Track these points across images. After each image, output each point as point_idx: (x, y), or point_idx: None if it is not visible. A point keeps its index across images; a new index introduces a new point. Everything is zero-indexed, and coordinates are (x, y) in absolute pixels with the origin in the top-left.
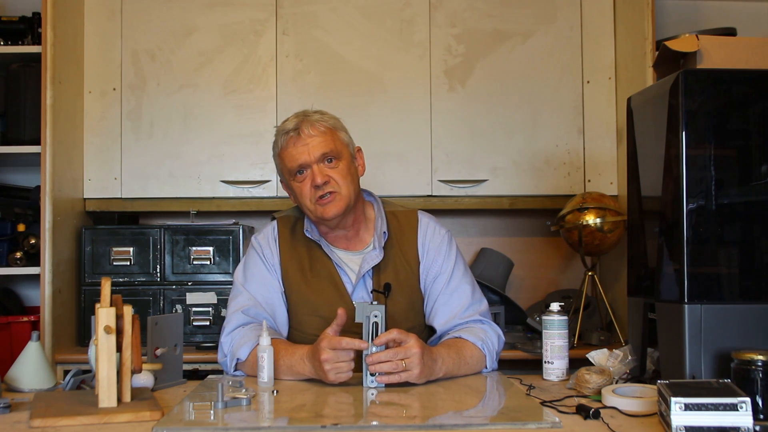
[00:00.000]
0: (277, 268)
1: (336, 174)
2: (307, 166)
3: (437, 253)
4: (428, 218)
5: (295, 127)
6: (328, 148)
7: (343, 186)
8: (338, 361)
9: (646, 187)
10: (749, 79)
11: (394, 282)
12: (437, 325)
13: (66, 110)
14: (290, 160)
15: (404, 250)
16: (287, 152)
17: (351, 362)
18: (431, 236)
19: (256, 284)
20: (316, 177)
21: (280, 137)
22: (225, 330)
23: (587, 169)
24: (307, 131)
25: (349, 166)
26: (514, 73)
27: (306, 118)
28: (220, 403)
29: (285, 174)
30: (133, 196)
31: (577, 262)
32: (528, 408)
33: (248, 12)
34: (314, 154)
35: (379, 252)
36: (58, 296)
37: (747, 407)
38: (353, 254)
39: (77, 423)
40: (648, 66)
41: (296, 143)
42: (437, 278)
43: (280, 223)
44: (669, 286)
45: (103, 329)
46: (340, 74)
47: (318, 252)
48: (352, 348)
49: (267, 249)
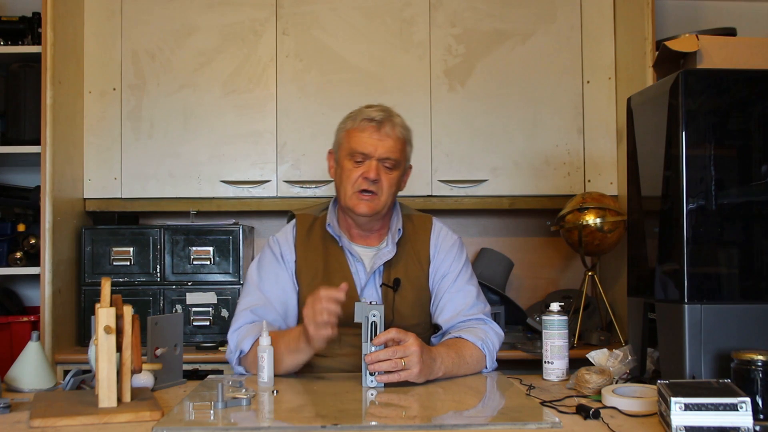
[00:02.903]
0: (292, 267)
1: (386, 180)
2: (369, 157)
3: (447, 255)
4: (442, 224)
5: (379, 120)
6: (395, 155)
7: (385, 192)
8: (317, 314)
9: (646, 187)
10: (749, 79)
11: (404, 278)
12: (442, 320)
13: (66, 110)
14: (358, 143)
15: (417, 249)
16: (359, 135)
17: (332, 316)
18: (443, 239)
19: (270, 284)
20: (371, 171)
21: (358, 118)
22: (232, 327)
23: (587, 169)
24: (387, 129)
25: (398, 178)
26: (514, 73)
27: (390, 118)
28: (220, 403)
29: (342, 151)
30: (133, 196)
31: (577, 262)
32: (528, 408)
33: (248, 12)
34: (381, 152)
35: (392, 248)
36: (58, 296)
37: (747, 407)
38: (368, 249)
39: (77, 423)
40: (648, 66)
41: (372, 133)
42: (445, 277)
43: (299, 221)
44: (669, 286)
45: (103, 329)
46: (340, 74)
47: (334, 250)
48: (332, 297)
49: (285, 246)
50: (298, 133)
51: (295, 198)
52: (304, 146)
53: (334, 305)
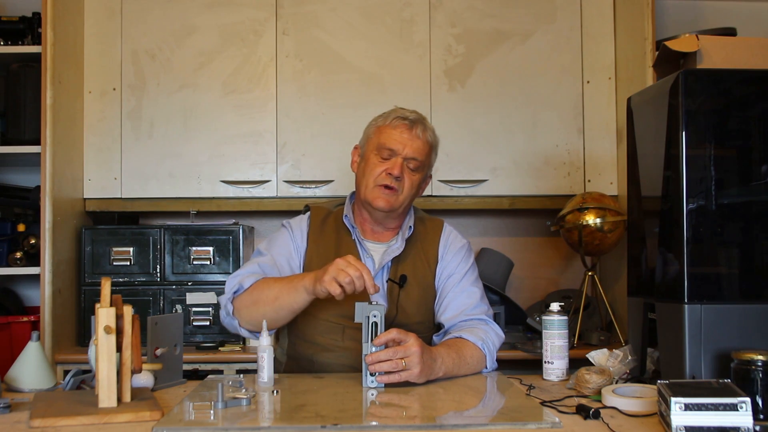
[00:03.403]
0: (302, 253)
1: (408, 179)
2: (396, 154)
3: (455, 256)
4: (452, 228)
5: (412, 120)
6: (421, 156)
7: (405, 191)
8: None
9: (646, 187)
10: (749, 79)
11: (410, 275)
12: (445, 319)
13: (66, 110)
14: (388, 138)
15: (426, 248)
16: (390, 132)
17: (351, 286)
18: (453, 240)
19: (278, 254)
20: (395, 168)
21: (391, 116)
22: (234, 272)
23: (587, 169)
24: (418, 131)
25: (419, 182)
26: (514, 73)
27: (423, 122)
28: (220, 403)
29: (370, 145)
30: (133, 196)
31: (577, 262)
32: (528, 408)
33: (248, 12)
34: (408, 151)
35: (401, 244)
36: (58, 296)
37: (747, 407)
38: (379, 245)
39: (77, 423)
40: (648, 66)
41: (403, 132)
42: (451, 277)
43: (313, 212)
44: (669, 286)
45: (103, 329)
46: (340, 74)
47: (346, 242)
48: (368, 280)
49: (297, 232)
50: (298, 133)
51: (295, 198)
52: (304, 146)
53: (360, 284)
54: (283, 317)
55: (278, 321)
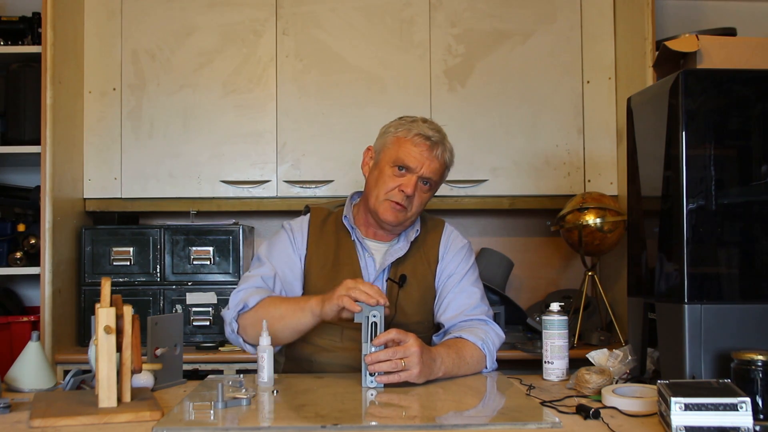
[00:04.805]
0: (302, 255)
1: (419, 197)
2: (413, 172)
3: (455, 256)
4: (453, 228)
5: (433, 141)
6: (435, 177)
7: (414, 209)
8: (356, 287)
9: (646, 187)
10: (749, 79)
11: (410, 275)
12: (445, 319)
13: (66, 110)
14: (407, 155)
15: (426, 249)
16: (410, 148)
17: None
18: (453, 241)
19: (279, 261)
20: (409, 187)
21: (413, 130)
22: (237, 288)
23: (587, 169)
24: (438, 151)
25: (429, 198)
26: (514, 73)
27: (442, 142)
28: (220, 403)
29: (387, 155)
30: (133, 196)
31: (577, 262)
32: (528, 408)
33: (248, 12)
34: (425, 171)
35: (404, 245)
36: (58, 296)
37: (747, 407)
38: (380, 244)
39: (77, 423)
40: (648, 66)
41: (423, 150)
42: (451, 277)
43: (313, 213)
44: (669, 286)
45: (103, 329)
46: (340, 74)
47: (346, 245)
48: (380, 299)
49: (298, 233)
50: (298, 133)
51: (295, 198)
52: (304, 146)
53: (374, 301)
54: (287, 337)
55: (282, 340)
